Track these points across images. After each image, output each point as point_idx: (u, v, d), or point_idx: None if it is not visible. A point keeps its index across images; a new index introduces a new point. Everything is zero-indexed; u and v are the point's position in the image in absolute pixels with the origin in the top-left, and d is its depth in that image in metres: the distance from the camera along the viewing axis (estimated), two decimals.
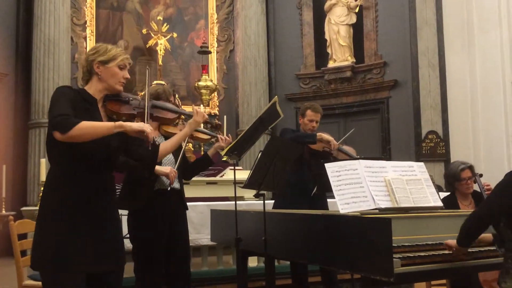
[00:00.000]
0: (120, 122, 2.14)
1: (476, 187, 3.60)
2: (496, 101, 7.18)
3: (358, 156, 3.91)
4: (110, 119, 2.28)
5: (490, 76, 7.25)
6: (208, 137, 3.31)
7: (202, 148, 6.87)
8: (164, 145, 2.51)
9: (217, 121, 3.24)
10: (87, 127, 2.06)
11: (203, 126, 3.21)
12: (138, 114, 2.32)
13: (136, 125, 2.15)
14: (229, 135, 3.36)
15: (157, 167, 2.99)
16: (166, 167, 3.05)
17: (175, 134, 2.93)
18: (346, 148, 4.03)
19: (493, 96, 7.21)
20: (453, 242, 2.36)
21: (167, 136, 3.09)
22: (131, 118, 2.30)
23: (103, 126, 2.12)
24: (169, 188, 3.06)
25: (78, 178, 2.13)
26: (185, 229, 3.22)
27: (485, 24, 7.35)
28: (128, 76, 2.32)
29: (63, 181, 2.14)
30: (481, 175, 3.65)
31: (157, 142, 2.96)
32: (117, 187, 2.42)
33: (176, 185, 3.14)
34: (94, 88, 2.27)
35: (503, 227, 2.33)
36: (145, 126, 2.15)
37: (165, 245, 3.06)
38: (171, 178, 3.02)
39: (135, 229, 3.04)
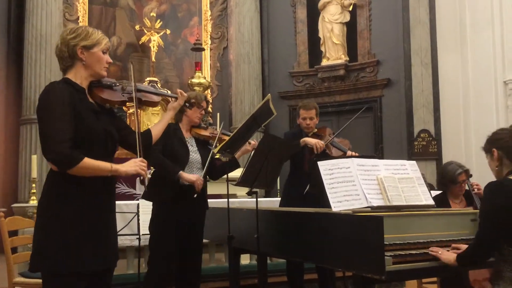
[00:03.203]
0: (116, 167, 2.06)
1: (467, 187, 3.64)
2: (488, 100, 7.23)
3: (350, 149, 3.92)
4: (101, 107, 2.19)
5: (482, 75, 7.29)
6: (211, 133, 3.42)
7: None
8: (156, 129, 2.46)
9: (208, 113, 3.43)
10: (87, 168, 1.98)
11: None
12: (129, 100, 2.28)
13: (131, 169, 2.09)
14: (255, 140, 3.44)
15: (185, 175, 3.21)
16: (193, 175, 3.22)
17: (205, 135, 3.36)
18: (338, 142, 4.03)
19: (485, 95, 7.26)
20: (445, 256, 2.32)
21: (197, 138, 3.40)
22: (122, 104, 2.29)
23: (102, 169, 2.03)
24: (195, 196, 3.20)
25: (82, 178, 2.02)
26: (202, 224, 3.41)
27: (477, 23, 7.39)
28: (110, 60, 2.21)
29: (67, 182, 2.01)
30: (470, 175, 3.68)
31: (188, 145, 3.34)
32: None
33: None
34: (79, 76, 2.13)
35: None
36: (139, 168, 2.09)
37: (181, 237, 3.24)
38: (197, 186, 3.19)
39: (156, 218, 3.23)
